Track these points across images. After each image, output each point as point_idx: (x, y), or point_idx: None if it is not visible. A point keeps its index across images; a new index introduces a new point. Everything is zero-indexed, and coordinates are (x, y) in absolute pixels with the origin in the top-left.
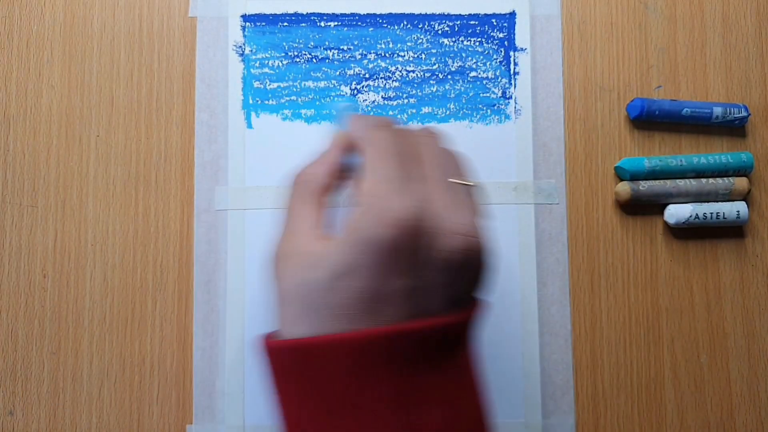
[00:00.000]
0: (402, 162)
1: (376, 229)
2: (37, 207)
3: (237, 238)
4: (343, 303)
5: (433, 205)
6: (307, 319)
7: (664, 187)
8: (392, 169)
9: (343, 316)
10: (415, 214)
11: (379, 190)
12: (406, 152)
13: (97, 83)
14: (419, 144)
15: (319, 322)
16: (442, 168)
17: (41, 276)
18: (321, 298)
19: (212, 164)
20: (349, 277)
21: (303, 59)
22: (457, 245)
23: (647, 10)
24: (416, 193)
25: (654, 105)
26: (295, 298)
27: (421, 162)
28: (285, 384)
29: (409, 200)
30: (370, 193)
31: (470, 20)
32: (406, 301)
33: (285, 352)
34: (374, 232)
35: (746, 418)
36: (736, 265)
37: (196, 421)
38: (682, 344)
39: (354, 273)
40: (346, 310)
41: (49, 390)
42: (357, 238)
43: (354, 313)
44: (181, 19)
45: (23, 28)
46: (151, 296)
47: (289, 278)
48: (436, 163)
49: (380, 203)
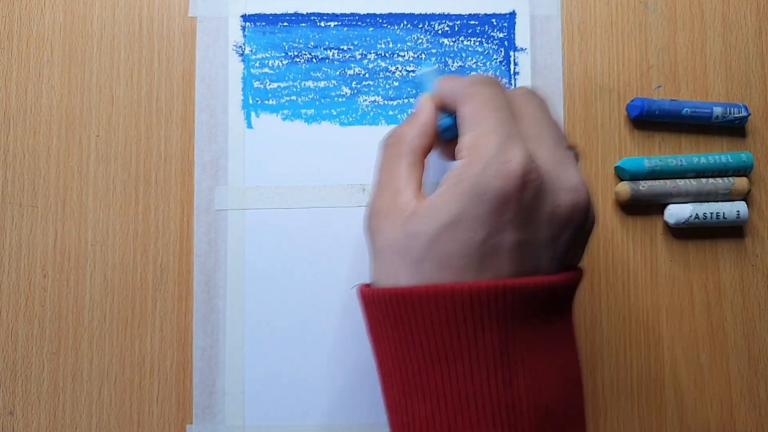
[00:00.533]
0: (506, 116)
1: (488, 180)
2: (37, 207)
3: (237, 238)
4: (454, 254)
5: (545, 161)
6: (410, 269)
7: (664, 187)
8: (498, 122)
9: (453, 267)
10: (530, 166)
11: (488, 142)
12: (508, 108)
13: (97, 83)
14: (525, 104)
15: (423, 273)
16: (549, 128)
17: (41, 276)
18: (426, 250)
19: (212, 164)
20: (457, 228)
21: (303, 59)
22: (572, 201)
23: (647, 10)
24: (527, 147)
25: (654, 105)
26: (395, 250)
27: (528, 121)
28: (384, 332)
29: (525, 153)
30: (476, 144)
31: (470, 20)
32: (514, 256)
33: (387, 300)
34: (487, 183)
35: (746, 418)
36: (736, 265)
37: (196, 421)
38: (682, 344)
39: (463, 224)
40: (456, 261)
41: (49, 390)
42: (466, 188)
43: (464, 264)
44: (181, 19)
45: (23, 28)
46: (151, 296)
47: (389, 232)
48: (544, 123)
49: (491, 154)
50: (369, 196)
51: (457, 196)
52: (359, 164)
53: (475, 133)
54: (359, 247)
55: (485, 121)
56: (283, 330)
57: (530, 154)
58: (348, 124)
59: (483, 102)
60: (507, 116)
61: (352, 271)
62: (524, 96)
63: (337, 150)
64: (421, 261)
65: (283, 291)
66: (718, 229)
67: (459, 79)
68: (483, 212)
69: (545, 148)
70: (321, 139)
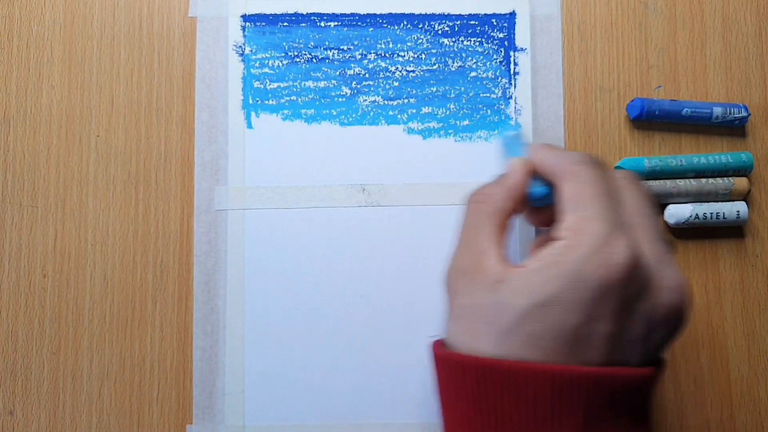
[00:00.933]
0: (610, 203)
1: (593, 268)
2: (37, 207)
3: (237, 238)
4: (541, 334)
5: (647, 255)
6: (495, 340)
7: (664, 187)
8: (603, 209)
9: (538, 347)
10: (635, 260)
11: (593, 228)
12: (611, 194)
13: (97, 83)
14: (621, 187)
15: (509, 346)
16: (646, 217)
17: (41, 276)
18: (515, 324)
19: (212, 164)
20: (552, 309)
21: (303, 59)
22: (673, 302)
23: (647, 10)
24: (632, 238)
25: (654, 105)
26: (479, 316)
27: (624, 205)
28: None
29: (627, 244)
30: (580, 228)
31: (470, 20)
32: (606, 346)
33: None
34: (596, 272)
35: (746, 418)
36: (736, 265)
37: (196, 421)
38: (682, 344)
39: (558, 306)
40: (542, 342)
41: (49, 390)
42: (566, 271)
43: (550, 346)
44: (181, 19)
45: (23, 28)
46: (151, 296)
47: (470, 294)
48: (646, 213)
49: (596, 242)
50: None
51: (557, 277)
52: (359, 164)
53: (579, 216)
54: (360, 247)
55: (590, 204)
56: (283, 330)
57: (636, 246)
58: (348, 124)
59: (587, 183)
60: (612, 203)
61: (352, 271)
62: (626, 181)
63: (337, 150)
64: (508, 334)
65: (283, 291)
66: (718, 229)
67: (561, 153)
68: (582, 298)
69: (647, 241)
70: (321, 139)
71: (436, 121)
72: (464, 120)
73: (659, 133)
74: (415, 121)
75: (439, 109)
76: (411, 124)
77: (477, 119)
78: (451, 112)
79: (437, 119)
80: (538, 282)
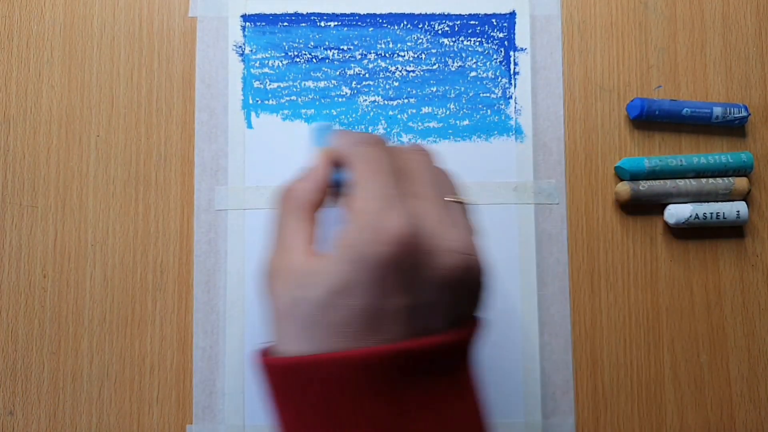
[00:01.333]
0: (394, 178)
1: (372, 247)
2: (37, 207)
3: (237, 238)
4: (342, 321)
5: (428, 222)
6: (305, 336)
7: (664, 187)
8: (385, 186)
9: (343, 333)
10: (412, 231)
11: (373, 207)
12: (398, 169)
13: (97, 83)
14: (410, 161)
15: (318, 339)
16: (434, 185)
17: (41, 276)
18: (319, 316)
19: (212, 164)
20: (348, 294)
21: (303, 59)
22: (454, 263)
23: (647, 10)
24: (411, 209)
25: (654, 105)
26: (291, 314)
27: (412, 179)
28: (283, 400)
29: (404, 217)
30: (363, 209)
31: (470, 20)
32: (406, 319)
33: (284, 369)
34: (371, 250)
35: (746, 418)
36: (736, 265)
37: (196, 421)
38: (682, 344)
39: (352, 291)
40: (345, 328)
41: (49, 390)
42: (353, 255)
43: (353, 330)
44: (181, 19)
45: (23, 28)
46: (151, 296)
47: (284, 295)
48: (428, 181)
49: (375, 220)
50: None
51: (345, 263)
52: None
53: (363, 196)
54: None
55: (368, 183)
56: None
57: (417, 217)
58: (348, 124)
59: (366, 163)
60: (388, 179)
61: None
62: (415, 155)
63: None
64: (315, 326)
65: None
66: (718, 229)
67: (347, 136)
68: (370, 279)
69: (434, 208)
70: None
71: (435, 121)
72: (464, 120)
73: (659, 133)
74: (415, 121)
75: (439, 109)
76: (411, 124)
77: (477, 119)
78: (451, 112)
79: (437, 119)
80: (328, 270)
